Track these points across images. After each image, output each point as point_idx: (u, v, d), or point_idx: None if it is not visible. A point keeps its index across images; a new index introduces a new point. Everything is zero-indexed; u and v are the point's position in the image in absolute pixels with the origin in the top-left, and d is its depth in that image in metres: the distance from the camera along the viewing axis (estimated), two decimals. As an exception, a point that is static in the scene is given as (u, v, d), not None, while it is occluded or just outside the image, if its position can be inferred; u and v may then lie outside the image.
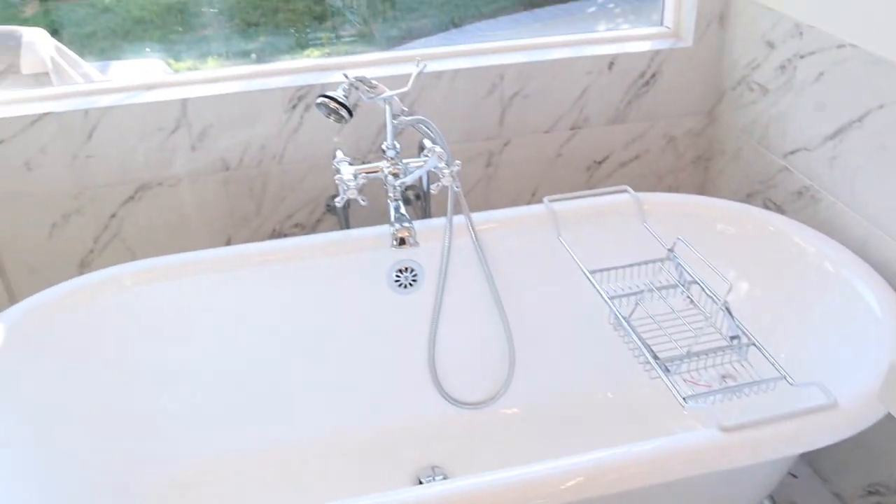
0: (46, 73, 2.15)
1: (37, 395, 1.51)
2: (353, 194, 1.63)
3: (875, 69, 1.60)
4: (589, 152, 2.18)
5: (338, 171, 1.67)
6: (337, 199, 1.65)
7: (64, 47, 2.23)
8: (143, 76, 2.08)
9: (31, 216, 1.92)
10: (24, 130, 1.82)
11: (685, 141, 2.21)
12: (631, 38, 2.15)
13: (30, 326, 1.55)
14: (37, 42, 2.18)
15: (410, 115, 1.72)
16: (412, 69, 1.73)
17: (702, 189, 2.30)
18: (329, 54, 4.12)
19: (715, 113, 2.19)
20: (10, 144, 1.83)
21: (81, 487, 1.52)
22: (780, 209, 1.96)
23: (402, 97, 1.67)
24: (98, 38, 2.98)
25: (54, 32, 2.61)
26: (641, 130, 2.18)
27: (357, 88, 1.62)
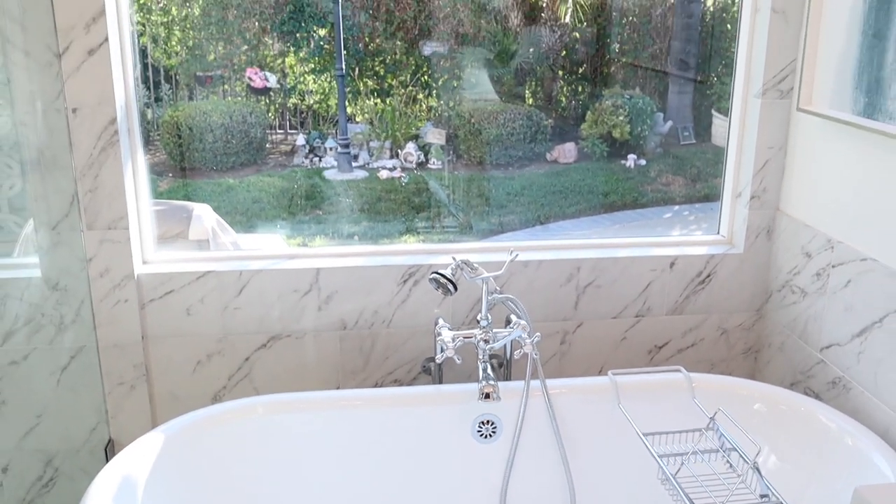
0: (207, 240, 2.64)
1: (183, 493, 1.86)
2: (450, 353, 1.99)
3: (891, 280, 1.93)
4: (651, 338, 2.51)
5: (439, 334, 2.04)
6: (437, 357, 2.01)
7: (222, 220, 2.74)
8: (285, 248, 2.54)
9: (183, 353, 2.34)
10: (190, 284, 2.28)
11: (736, 334, 2.53)
12: (691, 243, 2.53)
13: (183, 438, 1.92)
14: (203, 215, 2.69)
15: (501, 293, 2.10)
16: (505, 257, 2.13)
17: (751, 377, 2.58)
18: (424, 240, 4.65)
19: (763, 310, 2.51)
20: (178, 294, 2.28)
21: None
22: (818, 397, 2.23)
23: (496, 279, 2.06)
24: (221, 212, 3.54)
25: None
26: (697, 322, 2.51)
27: (462, 269, 2.02)
